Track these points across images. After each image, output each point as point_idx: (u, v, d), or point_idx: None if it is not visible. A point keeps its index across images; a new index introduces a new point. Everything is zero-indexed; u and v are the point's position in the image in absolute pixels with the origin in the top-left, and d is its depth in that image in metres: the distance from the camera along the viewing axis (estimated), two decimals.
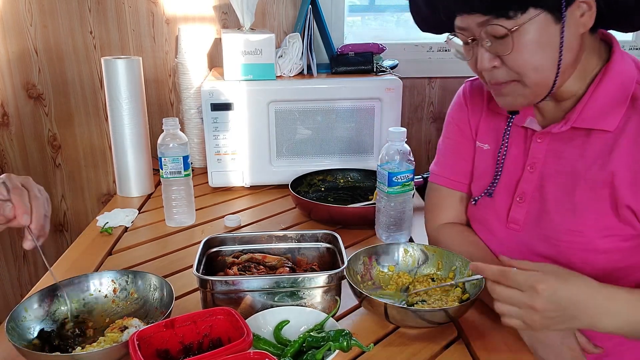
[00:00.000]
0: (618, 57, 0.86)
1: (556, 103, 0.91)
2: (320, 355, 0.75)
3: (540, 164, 0.93)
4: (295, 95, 1.49)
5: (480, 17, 0.78)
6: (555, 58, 0.80)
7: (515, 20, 0.77)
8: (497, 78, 0.84)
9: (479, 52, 0.83)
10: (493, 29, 0.78)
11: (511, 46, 0.78)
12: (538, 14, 0.76)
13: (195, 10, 1.75)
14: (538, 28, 0.77)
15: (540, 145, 0.93)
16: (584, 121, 0.87)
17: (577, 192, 0.88)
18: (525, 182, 0.95)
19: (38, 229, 0.83)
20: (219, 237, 1.00)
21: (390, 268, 1.01)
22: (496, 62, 0.82)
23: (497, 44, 0.80)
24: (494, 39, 0.80)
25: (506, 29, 0.77)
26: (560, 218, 0.90)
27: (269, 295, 0.87)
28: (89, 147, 1.84)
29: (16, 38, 1.70)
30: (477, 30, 0.81)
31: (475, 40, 0.83)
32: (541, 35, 0.78)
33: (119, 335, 0.80)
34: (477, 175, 1.04)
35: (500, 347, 0.85)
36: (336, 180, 1.53)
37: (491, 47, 0.81)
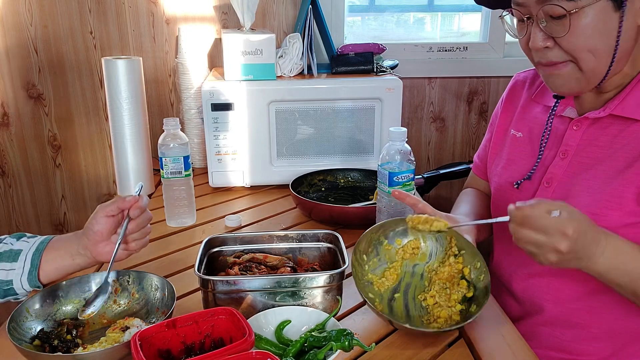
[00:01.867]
0: None
1: (598, 93, 0.92)
2: (322, 355, 0.75)
3: (573, 151, 0.94)
4: (296, 95, 1.49)
5: None
6: (611, 46, 0.80)
7: (575, 2, 0.76)
8: (549, 58, 0.84)
9: (532, 31, 0.83)
10: (552, 8, 0.78)
11: (567, 28, 0.78)
12: None
13: (195, 10, 1.75)
14: (597, 13, 0.77)
15: (575, 132, 0.94)
16: (623, 109, 0.87)
17: (604, 179, 0.89)
18: (555, 168, 0.96)
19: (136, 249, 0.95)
20: (219, 237, 1.00)
21: (397, 241, 1.00)
22: (549, 42, 0.82)
23: (553, 24, 0.80)
24: (551, 18, 0.79)
25: (565, 10, 0.77)
26: (585, 203, 0.90)
27: (271, 295, 0.87)
28: (89, 147, 1.84)
29: (16, 38, 1.69)
30: (535, 8, 0.80)
31: (530, 19, 0.83)
32: (599, 21, 0.78)
33: (120, 335, 0.80)
34: (507, 161, 1.07)
35: (501, 346, 0.85)
36: (337, 180, 1.53)
37: (546, 27, 0.81)
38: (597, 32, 0.79)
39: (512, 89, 1.13)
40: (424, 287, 0.94)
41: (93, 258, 0.92)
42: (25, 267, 0.89)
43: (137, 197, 0.93)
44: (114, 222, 0.92)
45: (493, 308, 0.94)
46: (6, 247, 0.91)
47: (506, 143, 1.09)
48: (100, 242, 0.90)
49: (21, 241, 0.92)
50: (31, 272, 0.89)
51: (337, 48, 1.70)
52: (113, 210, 0.91)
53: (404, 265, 0.97)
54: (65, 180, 1.87)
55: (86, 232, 0.91)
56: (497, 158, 1.12)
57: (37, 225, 1.89)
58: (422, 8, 2.03)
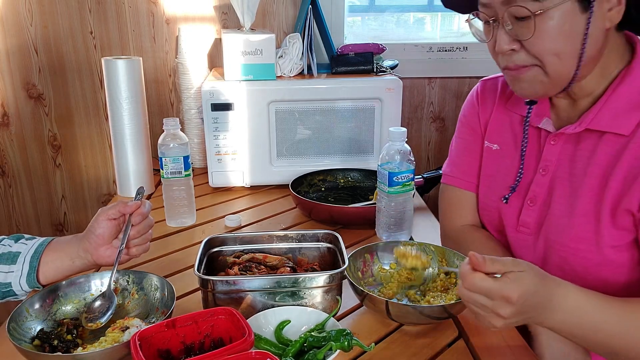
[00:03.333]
0: None
1: (572, 102, 0.89)
2: (322, 355, 0.75)
3: (553, 166, 0.91)
4: (296, 95, 1.49)
5: None
6: (577, 48, 0.78)
7: (541, 3, 0.75)
8: (514, 62, 0.82)
9: (498, 34, 0.81)
10: (517, 9, 0.76)
11: (532, 30, 0.76)
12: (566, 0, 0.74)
13: (196, 10, 1.75)
14: (563, 15, 0.75)
15: (553, 147, 0.91)
16: (598, 123, 0.84)
17: (581, 197, 0.86)
18: (537, 185, 0.93)
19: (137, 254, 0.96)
20: (219, 237, 1.00)
21: (392, 265, 1.01)
22: (515, 45, 0.80)
23: (518, 27, 0.78)
24: (516, 20, 0.78)
25: (530, 11, 0.75)
26: (565, 224, 0.88)
27: (270, 295, 0.87)
28: (89, 147, 1.84)
29: (16, 38, 1.70)
30: (501, 10, 0.79)
31: (496, 21, 0.81)
32: (565, 23, 0.76)
33: (120, 335, 0.80)
34: (485, 176, 1.04)
35: (501, 346, 0.85)
36: (336, 180, 1.53)
37: (512, 30, 0.79)
38: (563, 35, 0.77)
39: (482, 96, 1.06)
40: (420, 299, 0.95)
41: (93, 261, 0.92)
42: (24, 270, 0.89)
43: (140, 202, 0.93)
44: (116, 225, 0.92)
45: None
46: (4, 249, 0.91)
47: (483, 156, 1.05)
48: (101, 245, 0.91)
49: (19, 243, 0.92)
50: (30, 274, 0.89)
51: (337, 48, 1.70)
52: (115, 214, 0.91)
53: (399, 287, 0.99)
54: (65, 180, 1.87)
55: (87, 235, 0.91)
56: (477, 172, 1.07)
57: (37, 225, 1.90)
58: (422, 8, 2.03)
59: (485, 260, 0.70)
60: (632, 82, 0.83)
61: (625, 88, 0.83)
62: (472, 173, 1.06)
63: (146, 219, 0.95)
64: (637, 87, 0.83)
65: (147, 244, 0.97)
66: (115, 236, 0.93)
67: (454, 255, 0.98)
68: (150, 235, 0.97)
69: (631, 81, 0.83)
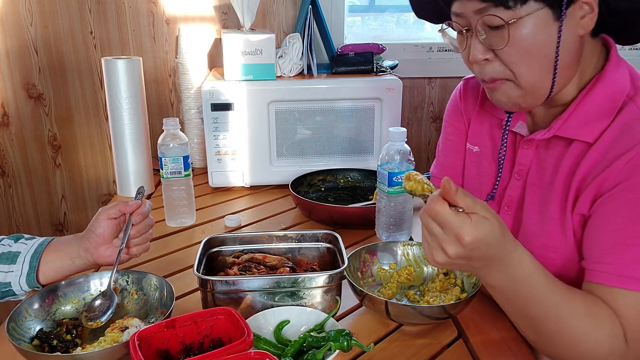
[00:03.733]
0: (613, 65, 0.82)
1: (547, 108, 0.88)
2: (321, 355, 0.75)
3: (526, 171, 0.90)
4: (296, 95, 1.49)
5: (478, 3, 0.75)
6: (551, 58, 0.77)
7: (514, 12, 0.73)
8: (489, 74, 0.81)
9: (472, 43, 0.80)
10: (490, 18, 0.75)
11: (506, 39, 0.75)
12: (539, 8, 0.73)
13: (195, 10, 1.75)
14: (536, 23, 0.74)
15: (526, 151, 0.90)
16: (566, 130, 0.83)
17: (550, 205, 0.85)
18: (512, 190, 0.93)
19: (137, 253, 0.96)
20: (219, 237, 1.00)
21: (391, 266, 1.01)
22: (489, 55, 0.79)
23: (492, 36, 0.77)
24: (490, 29, 0.76)
25: (503, 20, 0.74)
26: (535, 232, 0.88)
27: (270, 295, 0.87)
28: (89, 147, 1.84)
29: (16, 38, 1.70)
30: (474, 19, 0.77)
31: (469, 30, 0.80)
32: (538, 31, 0.75)
33: (119, 335, 0.80)
34: (467, 177, 1.03)
35: (501, 346, 0.85)
36: (336, 180, 1.53)
37: (486, 39, 0.78)
38: (536, 43, 0.76)
39: (465, 95, 1.05)
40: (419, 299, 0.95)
41: (93, 261, 0.92)
42: (24, 270, 0.89)
43: (140, 202, 0.93)
44: (116, 225, 0.92)
45: (492, 308, 0.94)
46: (4, 248, 0.91)
47: (465, 158, 1.04)
48: (101, 244, 0.91)
49: (19, 243, 0.92)
50: (29, 274, 0.89)
51: (337, 48, 1.70)
52: (115, 213, 0.92)
53: (398, 287, 0.99)
54: (65, 180, 1.87)
55: (87, 235, 0.91)
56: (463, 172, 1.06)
57: (37, 225, 1.90)
58: None
59: (457, 191, 0.67)
60: (603, 89, 0.81)
61: (595, 94, 0.82)
62: (458, 174, 1.06)
63: (146, 218, 0.95)
64: (607, 94, 0.81)
65: (147, 244, 0.97)
66: (115, 235, 0.93)
67: None
68: (150, 235, 0.98)
69: (602, 87, 0.81)
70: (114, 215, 0.92)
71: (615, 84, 0.81)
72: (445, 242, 0.68)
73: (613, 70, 0.82)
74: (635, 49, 1.94)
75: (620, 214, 0.75)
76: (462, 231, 0.66)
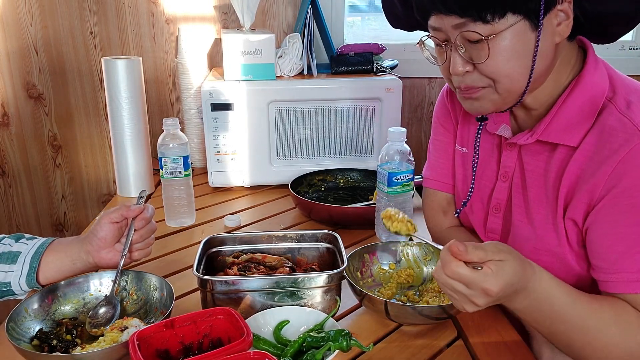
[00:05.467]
0: (590, 68, 0.82)
1: (527, 111, 0.89)
2: (320, 356, 0.75)
3: (510, 174, 0.91)
4: (295, 95, 1.49)
5: (457, 19, 0.75)
6: (528, 66, 0.78)
7: (492, 26, 0.74)
8: (468, 83, 0.81)
9: (452, 56, 0.80)
10: (468, 34, 0.75)
11: (487, 54, 0.76)
12: (517, 20, 0.74)
13: (195, 10, 1.75)
14: (514, 35, 0.75)
15: (510, 154, 0.91)
16: (549, 135, 0.84)
17: (537, 208, 0.86)
18: (499, 192, 0.93)
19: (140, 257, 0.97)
20: (219, 237, 1.00)
21: (391, 266, 1.01)
22: (469, 67, 0.79)
23: (472, 50, 0.77)
24: (469, 43, 0.77)
25: (482, 35, 0.74)
26: (525, 235, 0.88)
27: (269, 295, 0.87)
28: (89, 147, 1.84)
29: (16, 38, 1.70)
30: (452, 33, 0.78)
31: (448, 44, 0.80)
32: (517, 43, 0.75)
33: (118, 335, 0.80)
34: (458, 179, 1.04)
35: (500, 347, 0.85)
36: (336, 180, 1.53)
37: (465, 53, 0.78)
38: (515, 54, 0.76)
39: (451, 95, 1.05)
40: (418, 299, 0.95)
41: (94, 263, 0.92)
42: (24, 270, 0.89)
43: (142, 207, 0.94)
44: (118, 228, 0.93)
45: (492, 308, 0.94)
46: (4, 248, 0.91)
47: (455, 158, 1.05)
48: (103, 248, 0.91)
49: (20, 243, 0.92)
50: (29, 274, 0.89)
51: (337, 48, 1.70)
52: (117, 217, 0.92)
53: (398, 287, 0.99)
54: (65, 180, 1.87)
55: (89, 238, 0.92)
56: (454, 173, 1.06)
57: (37, 225, 1.90)
58: None
59: (467, 249, 0.68)
60: (582, 92, 0.82)
61: (575, 98, 0.82)
62: (449, 175, 1.06)
63: (149, 223, 0.95)
64: (587, 97, 0.81)
65: (149, 248, 0.98)
66: (117, 239, 0.93)
67: None
68: (152, 240, 0.98)
69: (580, 91, 0.82)
70: (116, 220, 0.92)
71: (594, 86, 0.81)
72: (475, 297, 0.70)
73: (591, 72, 0.82)
74: (636, 49, 1.94)
75: (621, 222, 0.75)
76: (487, 284, 0.68)
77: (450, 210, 1.08)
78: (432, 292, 0.95)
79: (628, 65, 1.86)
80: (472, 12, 0.73)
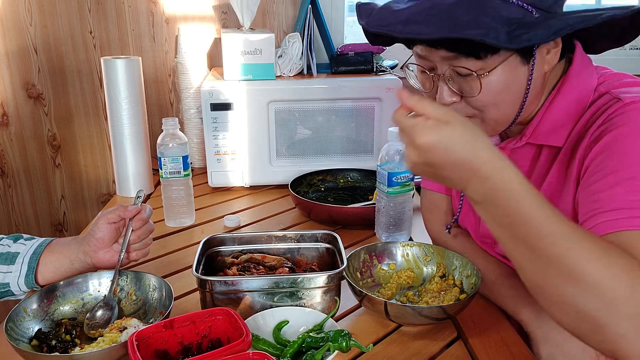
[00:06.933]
0: (577, 68, 0.81)
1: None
2: (320, 356, 0.75)
3: None
4: (295, 95, 1.49)
5: (447, 52, 0.74)
6: (520, 97, 0.78)
7: (484, 62, 0.72)
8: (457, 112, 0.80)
9: (439, 86, 0.78)
10: (459, 69, 0.74)
11: (477, 89, 0.74)
12: (509, 56, 0.73)
13: (195, 10, 1.75)
14: (506, 70, 0.74)
15: None
16: (537, 137, 0.84)
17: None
18: None
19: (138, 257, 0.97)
20: (218, 237, 1.00)
21: (391, 266, 1.01)
22: (456, 97, 0.78)
23: (461, 82, 0.76)
24: (458, 76, 0.75)
25: (473, 71, 0.73)
26: None
27: (269, 295, 0.87)
28: (89, 147, 1.84)
29: (16, 38, 1.69)
30: (441, 64, 0.76)
31: (434, 72, 0.78)
32: (508, 77, 0.74)
33: (117, 336, 0.80)
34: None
35: (500, 347, 0.85)
36: (336, 180, 1.53)
37: (454, 84, 0.77)
38: (506, 88, 0.75)
39: None
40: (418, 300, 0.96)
41: (92, 264, 0.92)
42: (22, 270, 0.89)
43: (140, 207, 0.93)
44: (115, 229, 0.93)
45: (492, 308, 0.94)
46: (3, 249, 0.91)
47: None
48: (101, 248, 0.91)
49: (18, 243, 0.92)
50: (28, 274, 0.89)
51: (336, 48, 1.70)
52: (114, 218, 0.92)
53: (398, 287, 0.99)
54: (64, 180, 1.86)
55: (87, 238, 0.92)
56: None
57: (37, 225, 1.89)
58: None
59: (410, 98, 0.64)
60: (568, 93, 0.81)
61: (560, 100, 0.81)
62: None
63: (146, 224, 0.95)
64: (572, 98, 0.81)
65: (147, 249, 0.97)
66: (115, 240, 0.93)
67: (453, 256, 0.97)
68: (150, 240, 0.98)
69: (566, 92, 0.81)
70: (114, 220, 0.92)
71: (580, 86, 0.81)
72: (407, 148, 0.65)
73: (578, 73, 0.81)
74: (636, 49, 1.94)
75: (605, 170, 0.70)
76: (414, 134, 0.63)
77: (445, 212, 1.08)
78: (432, 293, 0.95)
79: (628, 65, 1.86)
80: (465, 49, 0.72)
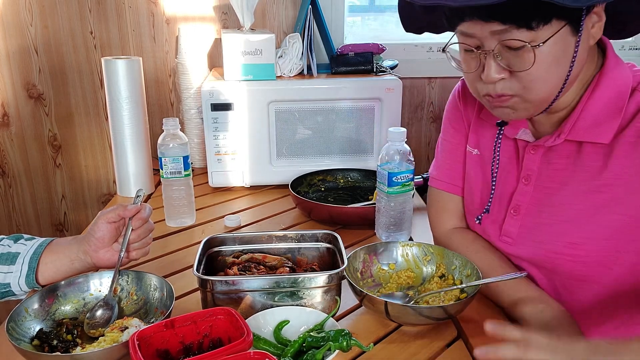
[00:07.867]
0: (612, 63, 0.82)
1: (548, 115, 0.88)
2: (320, 355, 0.75)
3: (535, 175, 0.90)
4: (295, 95, 1.49)
5: (498, 25, 0.72)
6: (565, 71, 0.76)
7: (536, 33, 0.71)
8: (499, 91, 0.79)
9: (487, 64, 0.76)
10: (510, 41, 0.72)
11: (529, 61, 0.73)
12: (561, 26, 0.71)
13: (195, 10, 1.75)
14: (557, 41, 0.72)
15: (533, 156, 0.90)
16: (577, 134, 0.83)
17: (570, 204, 0.85)
18: (520, 195, 0.92)
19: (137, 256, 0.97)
20: (219, 237, 1.00)
21: (390, 266, 1.02)
22: (505, 74, 0.77)
23: (511, 57, 0.74)
24: (509, 50, 0.74)
25: (526, 42, 0.71)
26: (559, 231, 0.87)
27: (269, 295, 0.87)
28: (89, 147, 1.84)
29: (16, 38, 1.70)
30: (489, 40, 0.74)
31: (481, 49, 0.77)
32: (559, 49, 0.73)
33: (119, 335, 0.80)
34: (467, 179, 1.03)
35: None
36: (336, 180, 1.53)
37: (503, 60, 0.75)
38: (556, 60, 0.74)
39: (464, 95, 1.02)
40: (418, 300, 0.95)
41: (92, 263, 0.93)
42: (23, 270, 0.89)
43: (139, 206, 0.93)
44: (115, 228, 0.93)
45: (492, 308, 0.94)
46: (3, 249, 0.91)
47: (466, 159, 1.03)
48: (101, 248, 0.91)
49: (19, 243, 0.92)
50: (28, 275, 0.89)
51: (337, 48, 1.70)
52: (114, 217, 0.92)
53: (398, 287, 0.99)
54: (65, 180, 1.87)
55: (87, 238, 0.92)
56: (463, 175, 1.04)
57: (37, 225, 1.90)
58: None
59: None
60: (606, 88, 0.81)
61: (599, 95, 0.81)
62: (457, 176, 1.05)
63: (146, 223, 0.95)
64: (612, 92, 0.81)
65: (147, 248, 0.98)
66: (115, 239, 0.93)
67: (453, 255, 0.98)
68: (150, 240, 0.98)
69: (604, 87, 0.81)
70: (113, 220, 0.92)
71: (618, 81, 0.81)
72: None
73: (613, 68, 0.82)
74: (636, 49, 1.94)
75: None
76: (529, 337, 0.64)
77: (453, 212, 1.07)
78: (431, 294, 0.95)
79: None
80: (517, 19, 0.71)
